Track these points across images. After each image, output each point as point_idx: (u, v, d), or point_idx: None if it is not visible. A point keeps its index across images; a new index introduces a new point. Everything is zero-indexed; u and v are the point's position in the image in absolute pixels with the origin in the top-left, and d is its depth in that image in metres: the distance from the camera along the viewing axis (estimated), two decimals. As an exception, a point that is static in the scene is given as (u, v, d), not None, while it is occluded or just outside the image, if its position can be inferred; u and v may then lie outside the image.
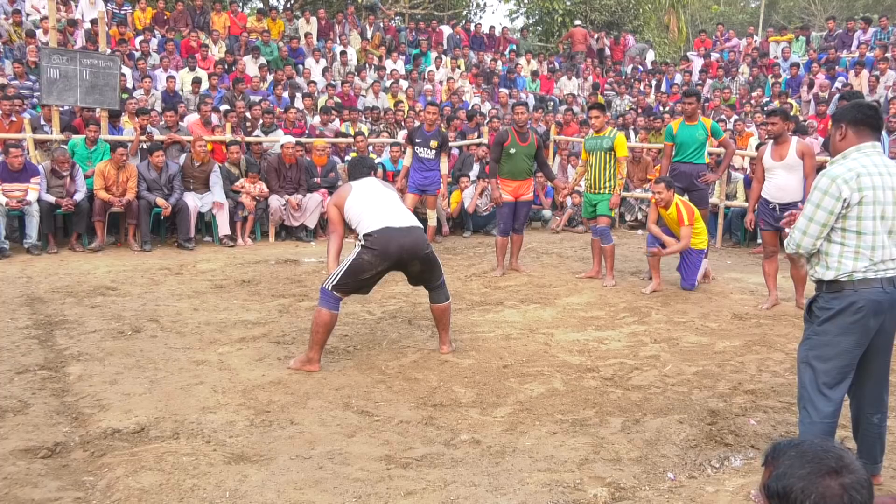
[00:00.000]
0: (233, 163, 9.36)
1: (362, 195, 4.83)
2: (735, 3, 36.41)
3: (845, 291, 3.06)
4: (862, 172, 3.02)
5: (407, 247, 4.62)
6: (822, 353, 3.13)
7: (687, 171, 7.24)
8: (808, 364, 3.18)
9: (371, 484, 3.21)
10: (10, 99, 9.27)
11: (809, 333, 3.20)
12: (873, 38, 15.59)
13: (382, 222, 4.62)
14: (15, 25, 12.50)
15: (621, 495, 3.19)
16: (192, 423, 3.80)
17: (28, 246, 8.09)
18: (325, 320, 4.59)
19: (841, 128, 3.15)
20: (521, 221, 7.70)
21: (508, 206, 7.51)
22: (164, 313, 5.84)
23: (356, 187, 4.91)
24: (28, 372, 4.51)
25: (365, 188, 4.91)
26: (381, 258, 4.57)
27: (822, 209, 3.04)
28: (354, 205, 4.79)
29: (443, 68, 15.63)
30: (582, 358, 4.99)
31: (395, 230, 4.61)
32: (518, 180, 7.49)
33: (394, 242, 4.58)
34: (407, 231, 4.66)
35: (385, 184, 5.22)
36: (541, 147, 7.64)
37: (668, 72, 16.49)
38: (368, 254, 4.57)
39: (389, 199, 4.87)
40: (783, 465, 1.55)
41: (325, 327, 4.61)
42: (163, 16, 14.71)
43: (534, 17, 22.79)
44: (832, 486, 1.49)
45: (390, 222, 4.63)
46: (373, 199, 4.81)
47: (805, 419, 3.21)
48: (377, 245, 4.56)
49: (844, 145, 3.14)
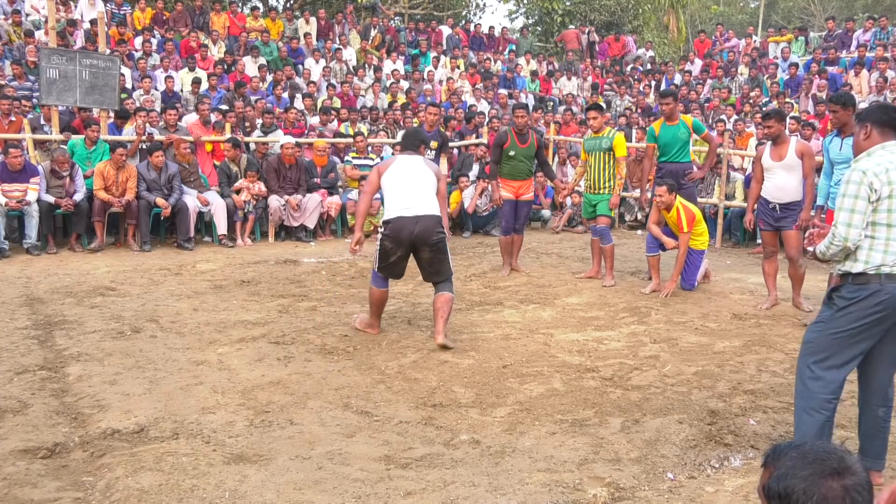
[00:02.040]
0: (232, 160, 9.36)
1: (397, 175, 5.27)
2: (734, 3, 36.42)
3: (871, 284, 3.17)
4: (890, 168, 3.15)
5: (417, 233, 5.08)
6: (829, 329, 3.24)
7: (673, 171, 7.31)
8: (812, 340, 3.30)
9: (371, 484, 3.21)
10: (12, 99, 9.28)
11: (824, 316, 3.30)
12: (873, 39, 15.59)
13: (396, 211, 5.13)
14: (14, 26, 12.49)
15: (621, 495, 3.19)
16: (191, 424, 3.80)
17: (27, 246, 8.09)
18: (375, 297, 5.32)
19: (866, 128, 3.28)
20: (522, 221, 7.71)
21: (510, 205, 7.55)
22: (163, 313, 5.84)
23: (398, 163, 5.35)
24: (27, 372, 4.51)
25: (403, 168, 5.31)
26: (396, 244, 5.13)
27: (860, 199, 3.15)
28: (387, 182, 5.29)
29: (442, 68, 15.63)
30: (581, 358, 4.99)
31: (406, 219, 5.09)
32: (518, 180, 7.53)
33: (405, 230, 5.08)
34: (418, 219, 5.09)
35: (427, 163, 5.46)
36: (541, 147, 7.66)
37: (667, 72, 16.50)
38: (387, 240, 5.15)
39: (416, 185, 5.23)
40: (784, 466, 1.55)
41: (377, 302, 5.33)
42: (162, 16, 14.71)
43: (533, 18, 22.80)
44: (834, 487, 1.49)
45: (403, 212, 5.11)
46: (402, 182, 5.23)
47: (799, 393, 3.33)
48: (392, 233, 5.13)
49: (868, 144, 3.27)
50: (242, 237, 9.19)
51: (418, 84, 14.40)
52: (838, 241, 3.19)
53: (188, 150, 9.21)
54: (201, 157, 9.68)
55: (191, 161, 9.21)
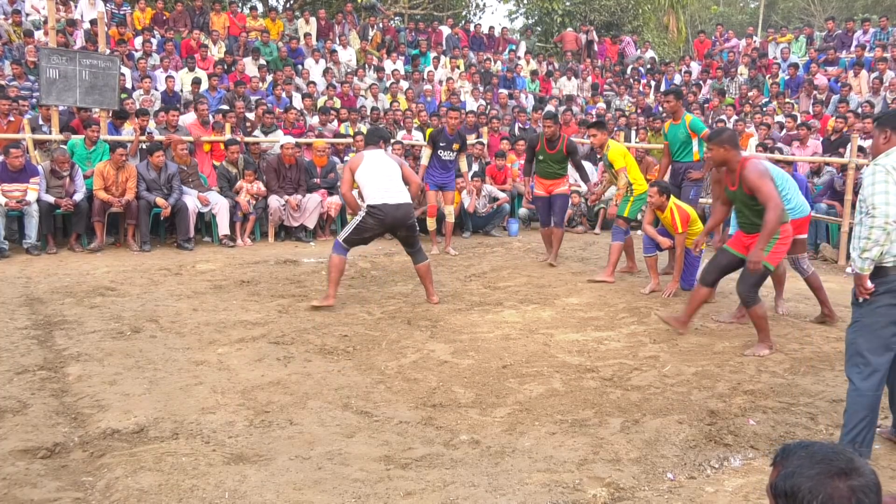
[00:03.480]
0: (231, 162, 9.37)
1: (370, 168, 6.09)
2: (734, 3, 36.42)
3: (890, 276, 3.39)
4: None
5: (399, 218, 6.06)
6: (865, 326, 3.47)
7: (674, 170, 7.75)
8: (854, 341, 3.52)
9: (370, 484, 3.21)
10: (11, 100, 9.27)
11: (857, 316, 3.54)
12: (872, 39, 15.60)
13: (383, 199, 5.98)
14: (14, 26, 12.49)
15: (621, 495, 3.19)
16: (191, 424, 3.80)
17: (27, 246, 8.09)
18: (336, 263, 6.08)
19: (885, 132, 3.53)
20: (559, 214, 8.04)
21: (542, 201, 8.06)
22: (163, 314, 5.84)
23: (367, 158, 6.16)
24: (27, 372, 4.51)
25: (373, 162, 6.12)
26: (379, 224, 6.06)
27: (892, 183, 3.35)
28: (362, 176, 6.09)
29: (442, 69, 15.62)
30: (581, 358, 4.99)
31: (392, 206, 6.00)
32: (550, 179, 8.00)
33: (390, 216, 6.02)
34: (398, 206, 6.03)
35: (391, 156, 6.35)
36: (572, 152, 7.98)
37: (667, 72, 16.50)
38: (371, 219, 6.02)
39: (390, 175, 6.10)
40: (792, 465, 1.55)
41: (337, 268, 6.08)
42: (162, 16, 14.71)
43: (533, 18, 22.80)
44: (840, 487, 1.49)
45: (389, 199, 5.99)
46: (377, 173, 6.06)
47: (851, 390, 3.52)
48: (379, 215, 5.99)
49: (886, 147, 3.52)
50: (242, 237, 9.19)
51: (418, 84, 14.40)
52: (880, 221, 3.34)
53: (185, 151, 9.20)
54: (200, 157, 9.68)
55: (189, 163, 9.21)
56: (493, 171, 10.90)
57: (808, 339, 5.46)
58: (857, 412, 3.45)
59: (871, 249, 3.35)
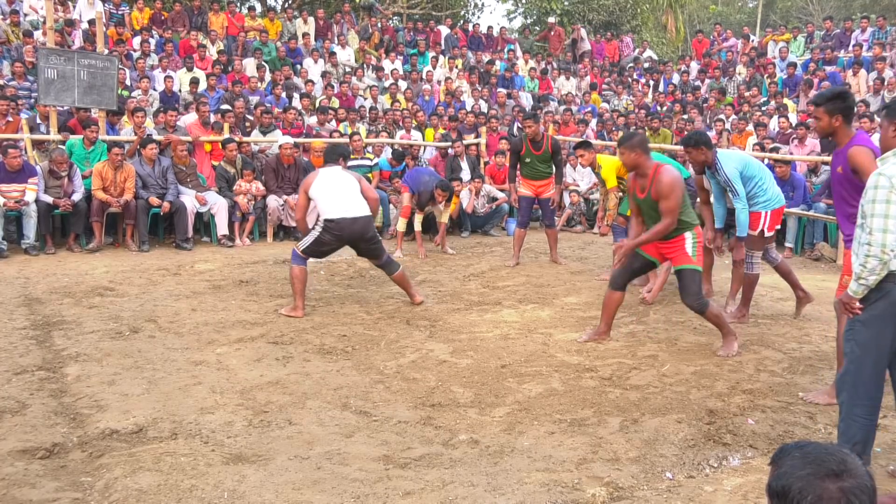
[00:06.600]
0: (229, 161, 9.36)
1: (324, 185, 6.00)
2: (733, 2, 36.42)
3: (886, 285, 3.23)
4: None
5: (356, 231, 5.94)
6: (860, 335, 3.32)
7: None
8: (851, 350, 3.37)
9: (369, 484, 3.21)
10: (7, 99, 9.26)
11: (851, 324, 3.38)
12: (871, 38, 15.60)
13: (338, 213, 5.88)
14: (13, 26, 12.47)
15: (620, 495, 3.19)
16: (190, 424, 3.80)
17: (26, 246, 8.08)
18: (297, 274, 5.94)
19: (895, 124, 3.38)
20: (549, 216, 8.04)
21: (527, 200, 7.97)
22: (162, 314, 5.84)
23: (321, 175, 6.08)
24: (26, 372, 4.51)
25: (327, 179, 6.04)
26: (337, 239, 5.97)
27: (892, 204, 3.17)
28: (317, 193, 5.99)
29: (440, 68, 15.62)
30: (580, 358, 4.99)
31: (349, 220, 5.90)
32: (538, 180, 7.91)
33: (347, 230, 5.91)
34: (355, 220, 5.92)
35: (348, 172, 6.23)
36: (556, 152, 7.89)
37: (665, 71, 16.50)
38: (328, 234, 5.92)
39: (345, 190, 6.00)
40: (785, 465, 1.55)
41: (300, 279, 5.95)
42: (160, 16, 14.69)
43: (531, 18, 22.80)
44: (830, 488, 1.49)
45: (344, 213, 5.89)
46: (332, 189, 5.97)
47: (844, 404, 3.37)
48: (336, 230, 5.90)
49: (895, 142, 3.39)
50: (241, 237, 9.18)
51: (416, 84, 14.40)
52: (876, 251, 3.16)
53: (185, 152, 9.19)
54: (199, 157, 9.67)
55: (188, 164, 9.20)
56: (493, 171, 10.91)
57: (806, 339, 5.46)
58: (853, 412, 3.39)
59: (866, 278, 3.22)
